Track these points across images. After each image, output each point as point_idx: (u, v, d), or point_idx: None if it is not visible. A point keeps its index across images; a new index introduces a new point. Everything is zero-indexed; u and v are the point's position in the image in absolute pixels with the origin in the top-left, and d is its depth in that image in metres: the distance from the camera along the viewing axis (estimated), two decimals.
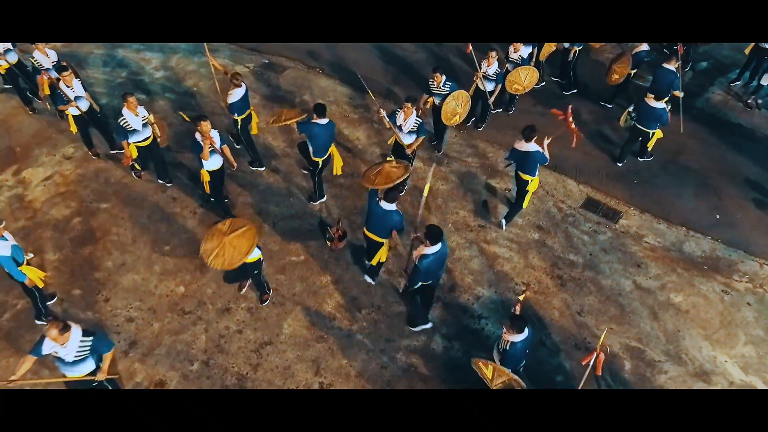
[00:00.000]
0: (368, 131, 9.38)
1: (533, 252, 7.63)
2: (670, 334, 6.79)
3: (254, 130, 8.37)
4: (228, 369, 6.37)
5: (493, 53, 8.52)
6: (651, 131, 8.22)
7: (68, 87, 7.81)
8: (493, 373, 5.26)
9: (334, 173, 7.97)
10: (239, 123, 8.06)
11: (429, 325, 6.76)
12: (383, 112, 7.61)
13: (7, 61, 8.68)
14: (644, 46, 9.13)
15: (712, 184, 8.61)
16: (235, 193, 8.20)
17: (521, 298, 5.76)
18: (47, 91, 8.39)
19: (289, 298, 7.03)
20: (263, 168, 8.56)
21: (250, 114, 8.15)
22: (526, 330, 5.20)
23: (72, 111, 8.02)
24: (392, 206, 6.28)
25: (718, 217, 8.16)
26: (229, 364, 6.40)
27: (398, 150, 7.73)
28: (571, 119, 7.04)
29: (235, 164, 7.61)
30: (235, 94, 7.77)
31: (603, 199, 8.40)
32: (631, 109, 8.47)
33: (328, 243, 7.52)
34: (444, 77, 8.07)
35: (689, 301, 7.12)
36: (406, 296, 6.71)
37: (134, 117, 7.44)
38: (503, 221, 7.86)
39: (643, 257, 7.61)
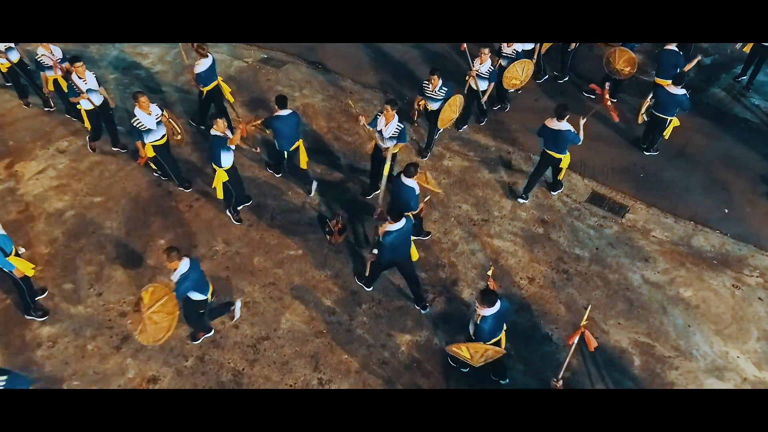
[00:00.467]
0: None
1: (538, 246, 7.43)
2: (680, 330, 6.58)
3: (230, 98, 8.53)
4: (224, 365, 6.15)
5: (486, 50, 8.24)
6: (669, 118, 8.09)
7: (81, 79, 7.58)
8: (470, 353, 5.18)
9: (301, 167, 7.76)
10: (204, 94, 8.29)
11: (370, 289, 6.83)
12: (363, 120, 7.22)
13: (8, 60, 8.47)
14: None
15: (719, 179, 8.42)
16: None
17: (489, 273, 5.69)
18: (51, 88, 8.26)
19: (287, 293, 6.82)
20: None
21: (218, 85, 8.28)
22: (498, 303, 5.13)
23: (84, 104, 7.77)
24: (410, 181, 6.36)
25: (726, 211, 7.96)
26: (225, 360, 6.19)
27: (377, 155, 7.45)
28: (607, 96, 7.27)
29: (181, 133, 7.75)
30: (202, 64, 7.77)
31: (608, 193, 8.21)
32: (649, 98, 8.31)
33: (328, 237, 7.32)
34: (440, 81, 7.75)
35: (699, 296, 6.91)
36: (375, 267, 6.57)
37: (147, 116, 7.18)
38: (521, 199, 7.97)
39: (650, 252, 7.41)
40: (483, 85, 8.51)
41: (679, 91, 7.78)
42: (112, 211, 7.70)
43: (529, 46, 9.15)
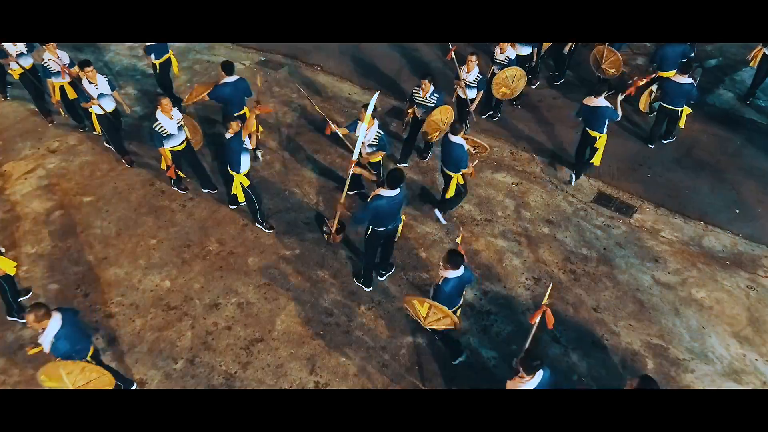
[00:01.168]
0: None
1: (544, 246, 7.16)
2: (694, 331, 6.28)
3: (176, 72, 8.85)
4: (215, 368, 5.83)
5: (473, 57, 7.75)
6: (679, 109, 7.95)
7: (92, 84, 7.27)
8: (428, 311, 5.00)
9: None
10: (157, 67, 8.49)
11: (369, 290, 6.57)
12: (334, 126, 6.94)
13: (20, 66, 8.03)
14: None
15: (728, 179, 8.19)
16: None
17: (459, 240, 5.54)
18: (58, 96, 7.94)
19: (283, 294, 6.53)
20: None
21: (169, 59, 8.49)
22: (462, 269, 5.00)
23: (95, 110, 7.46)
24: (457, 138, 6.54)
25: (737, 211, 7.71)
26: (217, 363, 5.87)
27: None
28: (642, 82, 7.90)
29: (199, 137, 7.59)
30: None
31: (615, 193, 7.97)
32: (654, 88, 8.15)
33: (325, 236, 7.05)
34: (432, 87, 7.37)
35: (713, 297, 6.63)
36: (366, 248, 6.38)
37: (169, 121, 6.83)
38: (573, 176, 7.98)
39: (660, 252, 7.14)
40: (471, 94, 8.05)
41: (686, 80, 7.66)
42: (102, 210, 7.43)
43: (526, 51, 8.83)
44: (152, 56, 8.33)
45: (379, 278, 6.65)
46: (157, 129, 6.81)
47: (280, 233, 7.17)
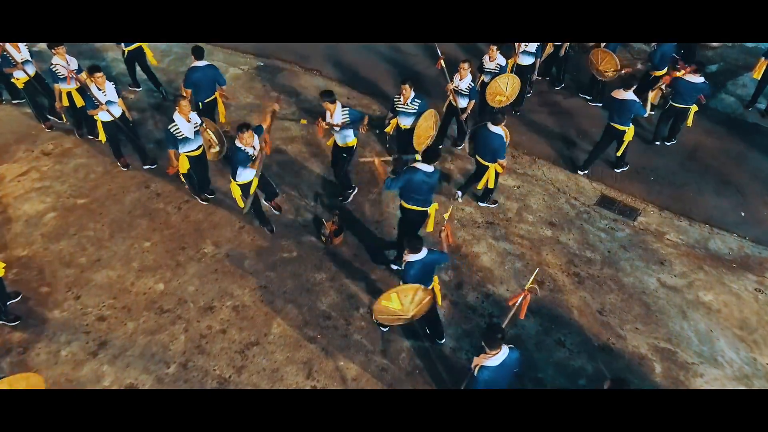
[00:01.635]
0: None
1: (546, 249, 7.00)
2: (702, 335, 6.10)
3: (152, 61, 8.98)
4: (208, 372, 5.64)
5: (465, 65, 7.53)
6: (689, 107, 7.94)
7: (100, 90, 7.09)
8: (400, 299, 4.90)
9: (220, 120, 8.02)
10: (125, 53, 8.76)
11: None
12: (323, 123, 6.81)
13: (26, 73, 7.84)
14: None
15: (733, 182, 8.06)
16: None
17: (446, 216, 5.65)
18: (65, 102, 7.78)
19: (279, 296, 6.35)
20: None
21: (140, 46, 8.70)
22: (424, 251, 5.10)
23: (102, 116, 7.26)
24: (497, 129, 6.64)
25: (743, 214, 7.57)
26: (210, 367, 5.68)
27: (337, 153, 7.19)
28: (681, 73, 7.82)
29: (220, 146, 7.16)
30: None
31: (618, 196, 7.83)
32: (663, 86, 8.07)
33: (323, 239, 6.90)
34: (413, 92, 7.01)
35: (720, 300, 6.46)
36: (399, 230, 6.47)
37: (186, 123, 6.61)
38: (617, 167, 8.12)
39: (666, 254, 6.98)
40: (463, 103, 7.80)
41: (699, 79, 7.66)
42: (96, 213, 7.28)
43: (528, 61, 8.66)
44: (122, 44, 8.55)
45: (393, 266, 6.61)
46: (172, 131, 6.59)
47: (277, 236, 7.02)
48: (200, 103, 7.72)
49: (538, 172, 8.16)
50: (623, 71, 8.47)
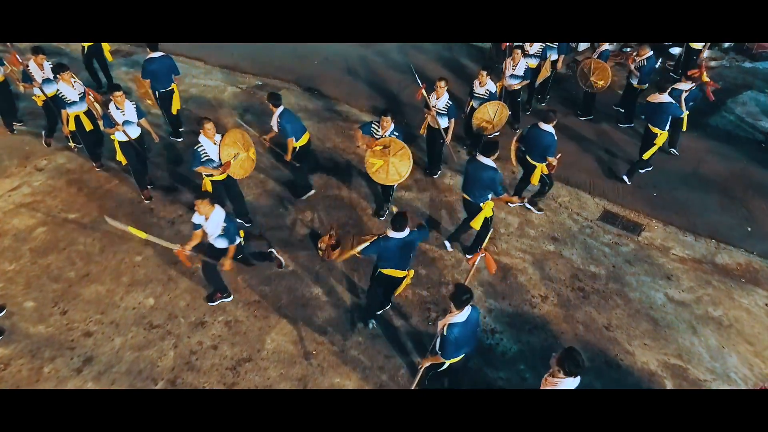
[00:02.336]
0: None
1: (549, 263, 6.81)
2: (713, 351, 5.86)
3: (109, 58, 9.44)
4: (198, 389, 5.36)
5: (442, 83, 7.26)
6: (660, 130, 7.64)
7: (119, 109, 6.90)
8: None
9: (173, 110, 8.31)
10: (85, 49, 9.14)
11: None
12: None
13: (43, 93, 7.65)
14: (606, 45, 8.94)
15: (737, 197, 7.93)
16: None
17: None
18: (72, 127, 7.54)
19: (274, 311, 6.12)
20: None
21: (99, 46, 9.17)
22: (407, 231, 5.13)
23: (118, 136, 7.06)
24: (548, 127, 6.68)
25: (749, 229, 7.41)
26: (200, 384, 5.41)
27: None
28: (704, 72, 7.91)
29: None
30: None
31: (621, 211, 7.69)
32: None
33: (320, 253, 6.70)
34: (393, 124, 6.74)
35: (731, 315, 6.24)
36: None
37: (212, 145, 6.47)
38: (626, 177, 8.12)
39: (672, 269, 6.79)
40: (443, 123, 7.44)
41: (666, 98, 7.42)
42: (87, 227, 7.10)
43: (515, 81, 8.43)
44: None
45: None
46: (198, 151, 6.48)
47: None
48: (157, 92, 8.04)
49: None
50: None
